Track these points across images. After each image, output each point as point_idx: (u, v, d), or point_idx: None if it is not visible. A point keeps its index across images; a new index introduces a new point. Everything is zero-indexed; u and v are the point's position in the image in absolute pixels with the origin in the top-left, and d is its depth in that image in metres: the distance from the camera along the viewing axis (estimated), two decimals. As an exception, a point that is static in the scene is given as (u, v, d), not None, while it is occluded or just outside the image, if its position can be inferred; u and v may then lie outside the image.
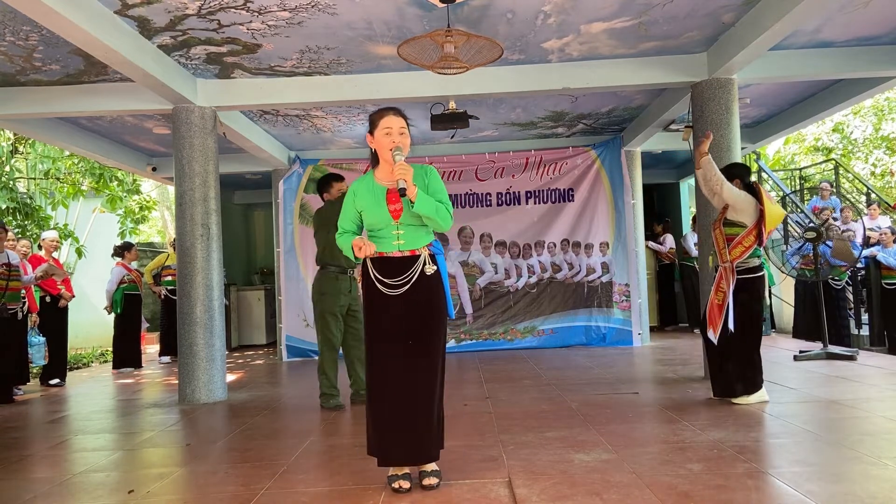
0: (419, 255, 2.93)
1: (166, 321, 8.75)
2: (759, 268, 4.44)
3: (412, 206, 2.82)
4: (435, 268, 2.94)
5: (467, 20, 4.69)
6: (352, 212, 3.01)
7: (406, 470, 2.96)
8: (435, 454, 2.97)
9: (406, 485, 2.90)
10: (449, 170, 8.40)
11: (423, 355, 2.90)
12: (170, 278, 8.60)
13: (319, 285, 4.92)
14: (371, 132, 2.99)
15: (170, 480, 3.29)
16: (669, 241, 10.27)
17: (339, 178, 5.10)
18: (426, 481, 2.92)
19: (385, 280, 2.91)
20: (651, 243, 10.16)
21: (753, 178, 11.09)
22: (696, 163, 4.52)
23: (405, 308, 2.90)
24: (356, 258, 2.95)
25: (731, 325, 4.33)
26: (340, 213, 3.06)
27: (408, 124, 2.98)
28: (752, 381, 4.41)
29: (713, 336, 4.48)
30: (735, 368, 4.42)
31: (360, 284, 5.14)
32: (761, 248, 4.45)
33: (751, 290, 4.40)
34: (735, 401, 4.41)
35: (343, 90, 5.81)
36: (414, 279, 2.90)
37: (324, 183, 5.04)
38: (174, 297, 8.35)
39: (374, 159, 3.05)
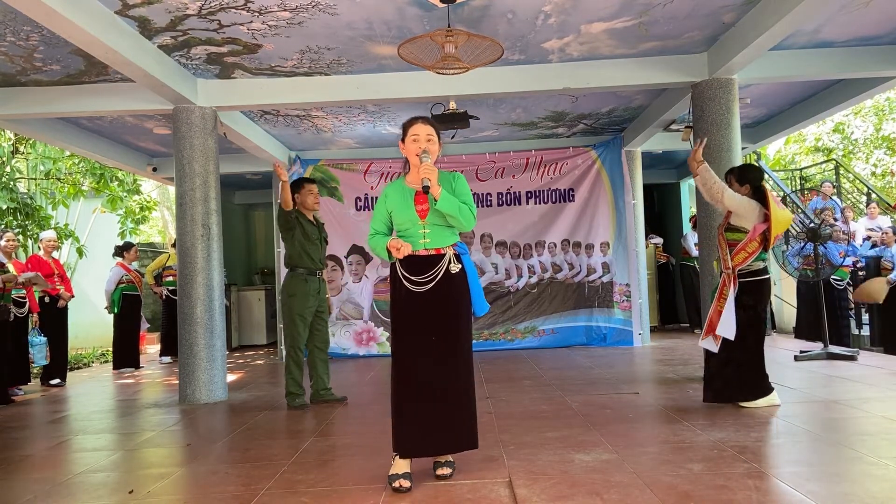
0: (444, 254, 3.06)
1: (167, 321, 8.76)
2: (764, 271, 4.30)
3: (435, 204, 2.96)
4: (460, 266, 3.08)
5: (467, 20, 4.69)
6: (383, 213, 3.17)
7: (407, 469, 2.98)
8: (464, 443, 3.06)
9: (406, 484, 2.92)
10: (449, 170, 8.38)
11: (447, 350, 3.02)
12: (171, 279, 8.60)
13: (288, 287, 5.00)
14: (402, 139, 3.17)
15: (170, 481, 3.29)
16: (655, 240, 10.45)
17: (311, 181, 5.19)
18: (439, 471, 3.03)
19: (411, 277, 3.04)
20: (652, 244, 10.26)
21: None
22: (693, 171, 4.40)
23: (430, 305, 3.02)
24: (390, 257, 3.09)
25: (728, 334, 4.18)
26: (372, 216, 3.23)
27: (438, 133, 3.15)
28: (757, 385, 4.28)
29: (713, 345, 4.33)
30: (735, 374, 4.28)
31: (328, 286, 5.21)
32: (767, 253, 4.31)
33: (755, 294, 4.27)
34: (743, 404, 4.29)
35: (343, 90, 5.82)
36: (439, 277, 3.03)
37: (296, 185, 5.06)
38: (175, 298, 8.37)
39: (406, 165, 3.22)
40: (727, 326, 4.21)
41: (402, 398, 3.03)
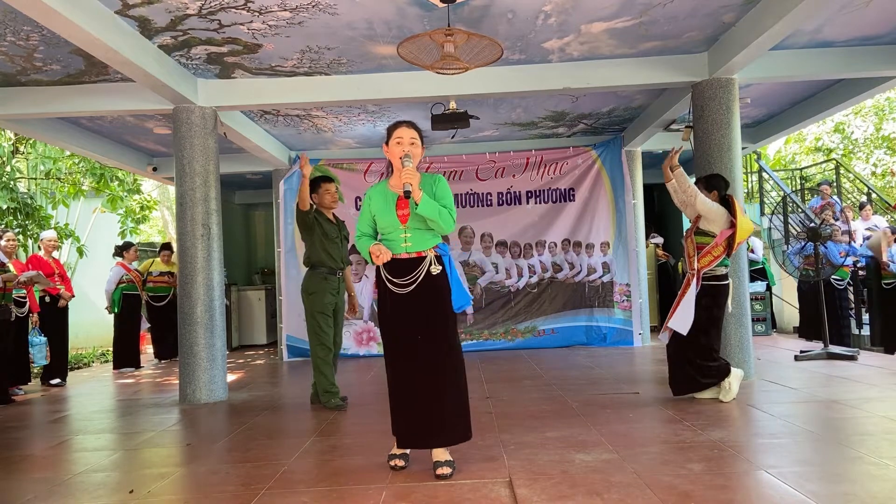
0: (425, 257, 3.15)
1: (153, 325, 8.74)
2: (725, 276, 4.55)
3: (416, 208, 3.05)
4: (440, 268, 3.17)
5: (468, 20, 4.69)
6: (368, 216, 3.26)
7: (406, 451, 3.25)
8: (448, 439, 3.13)
9: (401, 463, 3.21)
10: (449, 170, 8.40)
11: (433, 348, 3.12)
12: (151, 285, 8.57)
13: (307, 285, 4.94)
14: (386, 143, 3.23)
15: (170, 480, 3.29)
16: (656, 239, 10.48)
17: (328, 180, 5.12)
18: (439, 471, 3.07)
19: (394, 280, 3.15)
20: (652, 244, 10.27)
21: (755, 178, 11.13)
22: (666, 176, 4.67)
23: (413, 306, 3.13)
24: (372, 262, 3.18)
25: (680, 328, 4.42)
26: (358, 218, 3.32)
27: (421, 136, 3.24)
28: (706, 376, 4.51)
29: (665, 336, 4.64)
30: (692, 370, 4.53)
31: (348, 285, 5.18)
32: (729, 259, 4.56)
33: (714, 296, 4.50)
34: (723, 399, 4.48)
35: (344, 90, 5.81)
36: (420, 278, 3.12)
37: (313, 184, 5.04)
38: (155, 304, 8.43)
39: (390, 168, 3.30)
40: (681, 322, 4.44)
41: (396, 395, 3.19)
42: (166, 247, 8.93)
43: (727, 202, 4.58)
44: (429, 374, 3.10)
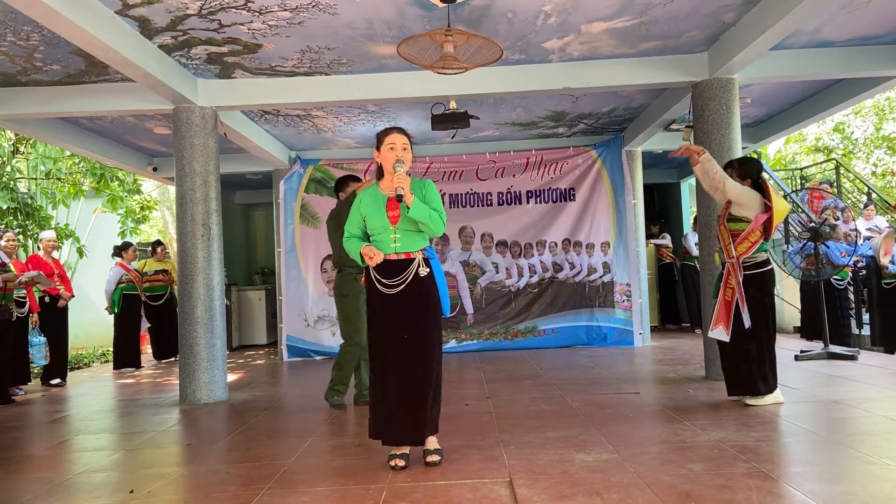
0: (414, 259, 3.23)
1: (151, 324, 8.75)
2: (767, 262, 4.39)
3: (408, 211, 3.13)
4: (428, 270, 3.24)
5: (468, 20, 4.69)
6: (358, 217, 3.34)
7: (405, 450, 3.27)
8: (426, 435, 3.24)
9: (401, 463, 3.21)
10: (449, 170, 8.40)
11: (418, 348, 3.20)
12: (147, 284, 8.57)
13: (340, 288, 4.92)
14: (377, 148, 3.31)
15: (170, 480, 3.29)
16: (667, 240, 10.42)
17: (357, 179, 5.10)
18: (429, 458, 3.18)
19: (383, 280, 3.22)
20: (654, 241, 10.25)
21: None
22: (693, 160, 4.38)
23: (401, 305, 3.21)
24: (363, 263, 3.26)
25: (746, 322, 4.24)
26: (348, 219, 3.37)
27: (411, 142, 3.32)
28: (768, 378, 4.34)
29: (724, 335, 4.39)
30: (754, 367, 4.33)
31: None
32: (767, 243, 4.40)
33: (760, 285, 4.33)
34: (749, 402, 4.34)
35: (344, 90, 5.81)
36: (409, 280, 3.20)
37: (341, 183, 5.03)
38: (152, 304, 8.44)
39: (380, 172, 3.37)
40: (746, 315, 4.25)
41: (378, 391, 3.25)
42: (158, 244, 8.95)
43: (760, 186, 4.38)
44: (413, 374, 3.17)
